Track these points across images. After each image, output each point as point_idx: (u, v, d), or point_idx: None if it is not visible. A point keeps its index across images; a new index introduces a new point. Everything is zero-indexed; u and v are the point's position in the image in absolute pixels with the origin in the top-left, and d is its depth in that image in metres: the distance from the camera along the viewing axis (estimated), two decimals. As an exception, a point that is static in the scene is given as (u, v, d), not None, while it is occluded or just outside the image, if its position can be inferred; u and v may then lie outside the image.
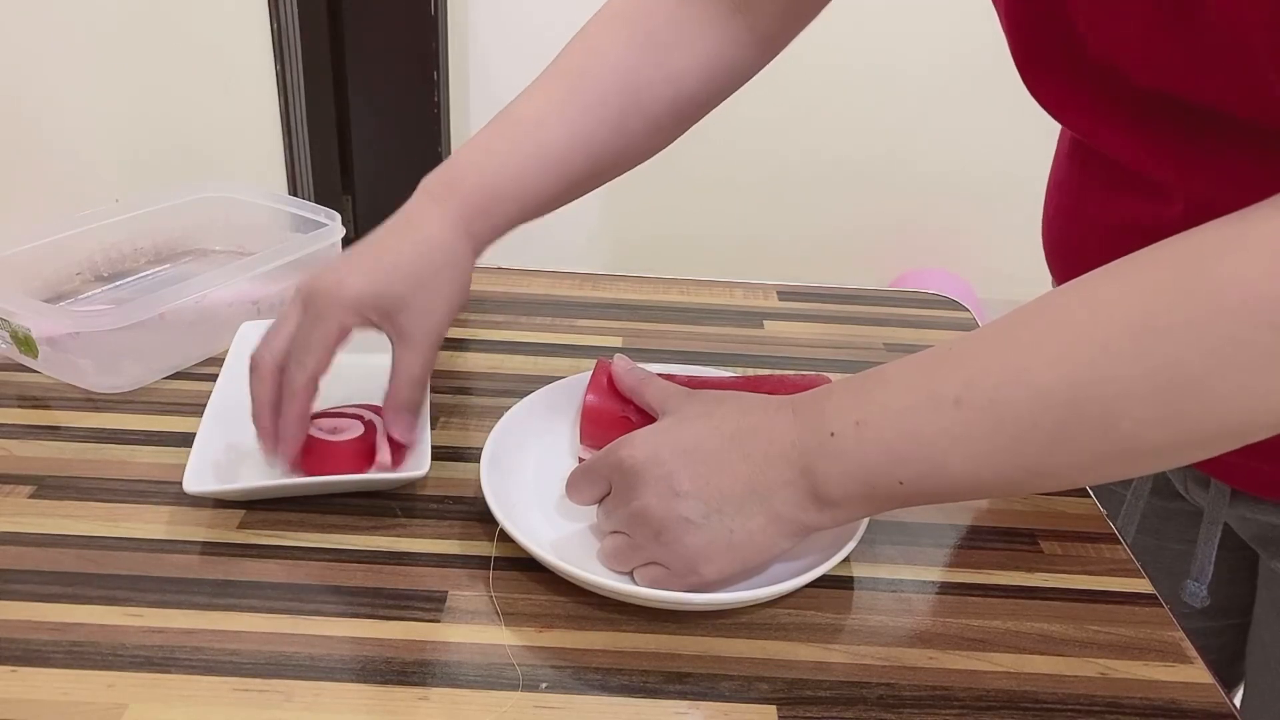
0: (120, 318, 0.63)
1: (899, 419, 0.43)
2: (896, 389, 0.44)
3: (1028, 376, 0.40)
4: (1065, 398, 0.39)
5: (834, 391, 0.46)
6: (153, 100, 1.93)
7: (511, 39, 1.98)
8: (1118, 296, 0.39)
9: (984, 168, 2.03)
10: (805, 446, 0.45)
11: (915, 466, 0.43)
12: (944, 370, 0.43)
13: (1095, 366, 0.38)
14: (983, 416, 0.41)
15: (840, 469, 0.44)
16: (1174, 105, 0.45)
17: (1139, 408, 0.38)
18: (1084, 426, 0.39)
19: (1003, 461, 0.41)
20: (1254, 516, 0.60)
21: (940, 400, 0.42)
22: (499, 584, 0.51)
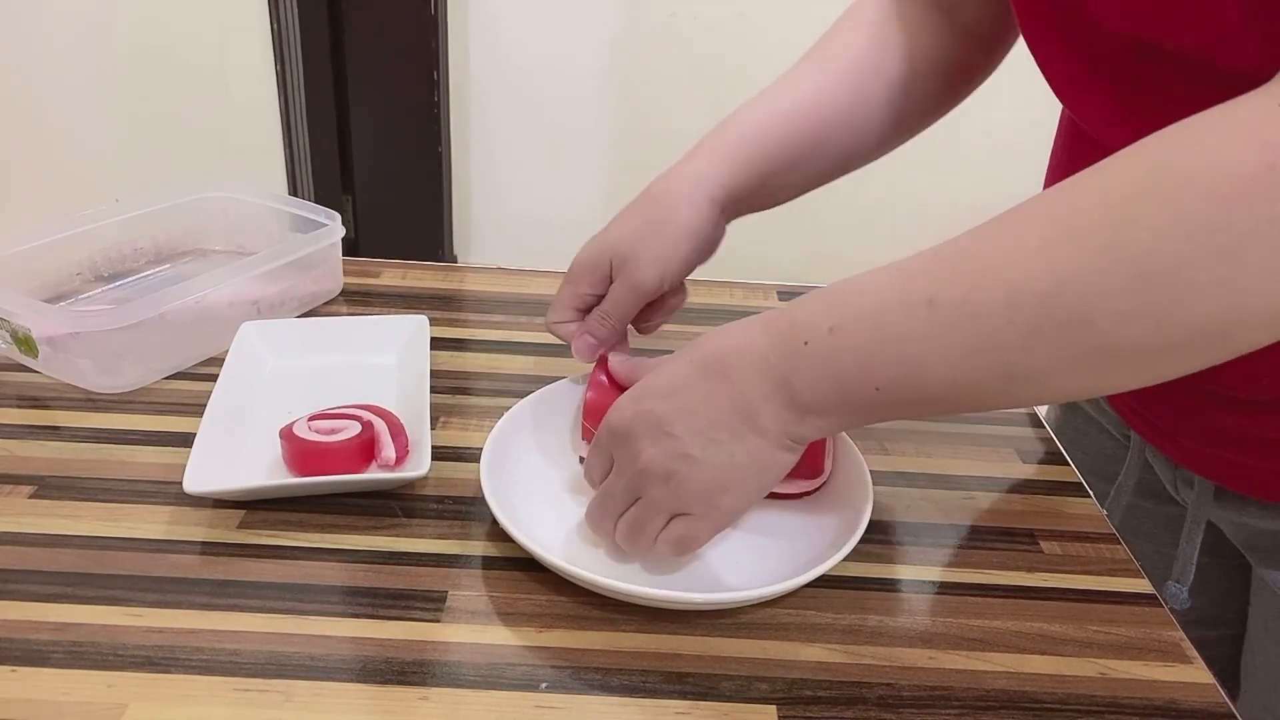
0: (120, 318, 0.63)
1: (872, 322, 0.42)
2: (869, 293, 0.43)
3: (1002, 273, 0.39)
4: (1039, 292, 0.38)
5: (805, 300, 0.45)
6: (153, 100, 1.93)
7: (511, 39, 1.98)
8: (1094, 189, 0.38)
9: (990, 167, 2.03)
10: (778, 357, 0.45)
11: (890, 370, 0.42)
12: (917, 272, 0.42)
13: (1068, 259, 0.37)
14: (956, 316, 0.40)
15: (816, 376, 0.44)
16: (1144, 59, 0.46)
17: (1114, 301, 0.37)
18: (1059, 323, 0.38)
19: (978, 363, 0.40)
20: (1243, 520, 0.60)
21: (913, 301, 0.41)
22: (499, 584, 0.51)
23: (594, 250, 0.60)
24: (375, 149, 1.94)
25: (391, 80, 1.87)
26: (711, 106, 0.70)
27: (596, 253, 0.60)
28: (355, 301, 0.79)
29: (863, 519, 0.52)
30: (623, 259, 0.59)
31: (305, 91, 1.86)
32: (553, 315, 0.62)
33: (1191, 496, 0.62)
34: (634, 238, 0.59)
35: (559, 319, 0.62)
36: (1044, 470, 0.64)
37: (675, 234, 0.58)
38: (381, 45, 1.84)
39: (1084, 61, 0.50)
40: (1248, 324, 0.36)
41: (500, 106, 2.04)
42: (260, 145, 1.93)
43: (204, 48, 1.88)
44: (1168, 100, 0.46)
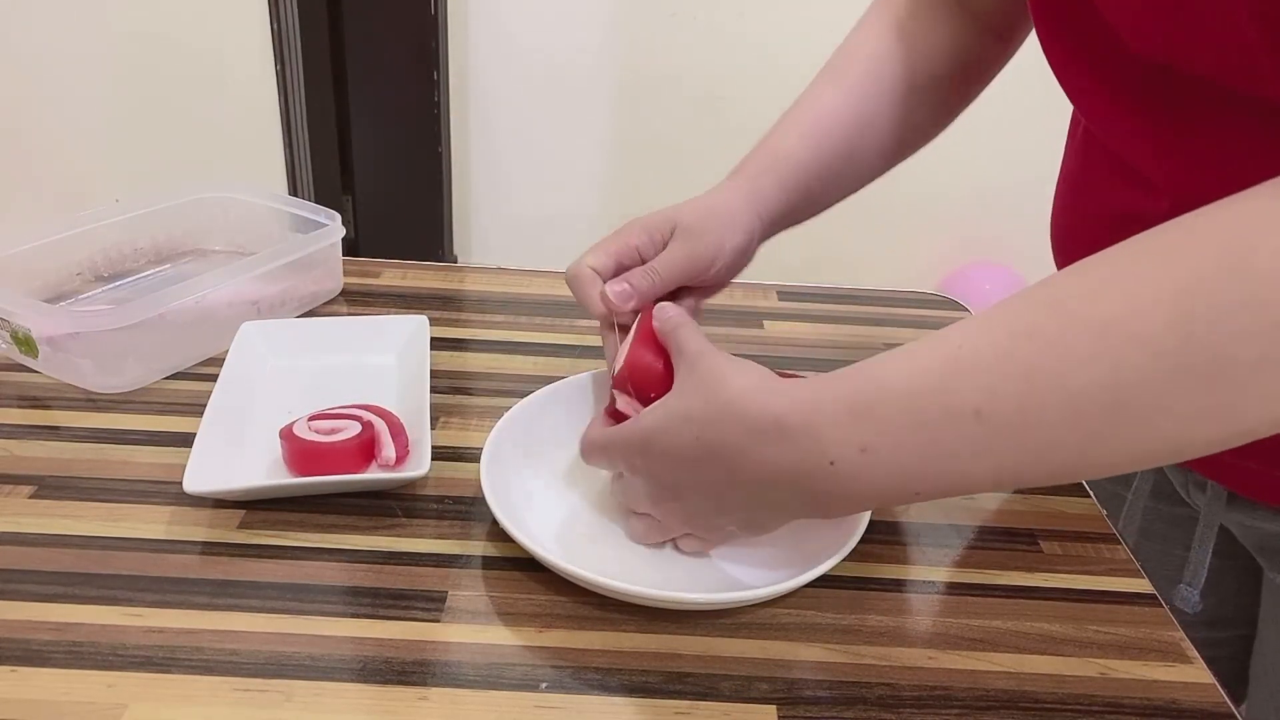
0: (120, 318, 0.63)
1: (910, 439, 0.39)
2: (901, 404, 0.39)
3: (1057, 381, 0.36)
4: (1104, 401, 0.36)
5: (825, 408, 0.41)
6: (153, 100, 1.93)
7: (511, 39, 1.98)
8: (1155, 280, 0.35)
9: (991, 169, 2.03)
10: (800, 473, 0.42)
11: (933, 481, 0.40)
12: (956, 378, 0.38)
13: (1137, 365, 0.35)
14: (1009, 427, 0.37)
15: (844, 492, 0.42)
16: (1167, 81, 0.45)
17: (1185, 404, 0.35)
18: (1125, 428, 0.36)
19: (1032, 466, 0.39)
20: (1254, 524, 0.60)
21: (957, 413, 0.38)
22: (499, 584, 0.51)
23: (652, 216, 0.58)
24: (375, 149, 1.94)
25: (391, 80, 1.87)
26: (711, 106, 0.70)
27: (656, 216, 0.58)
28: (355, 301, 0.79)
29: (863, 519, 0.52)
30: (687, 229, 0.57)
31: (305, 91, 1.86)
32: (590, 256, 0.57)
33: (1204, 501, 0.62)
34: (700, 216, 0.58)
35: (596, 261, 0.57)
36: (1044, 470, 0.64)
37: (732, 225, 0.58)
38: (381, 45, 1.84)
39: (1106, 81, 0.50)
40: None
41: (500, 107, 2.04)
42: (260, 145, 1.93)
43: (204, 48, 1.88)
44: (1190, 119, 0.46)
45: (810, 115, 0.62)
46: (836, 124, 0.62)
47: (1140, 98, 0.48)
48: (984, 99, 0.67)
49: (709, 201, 0.59)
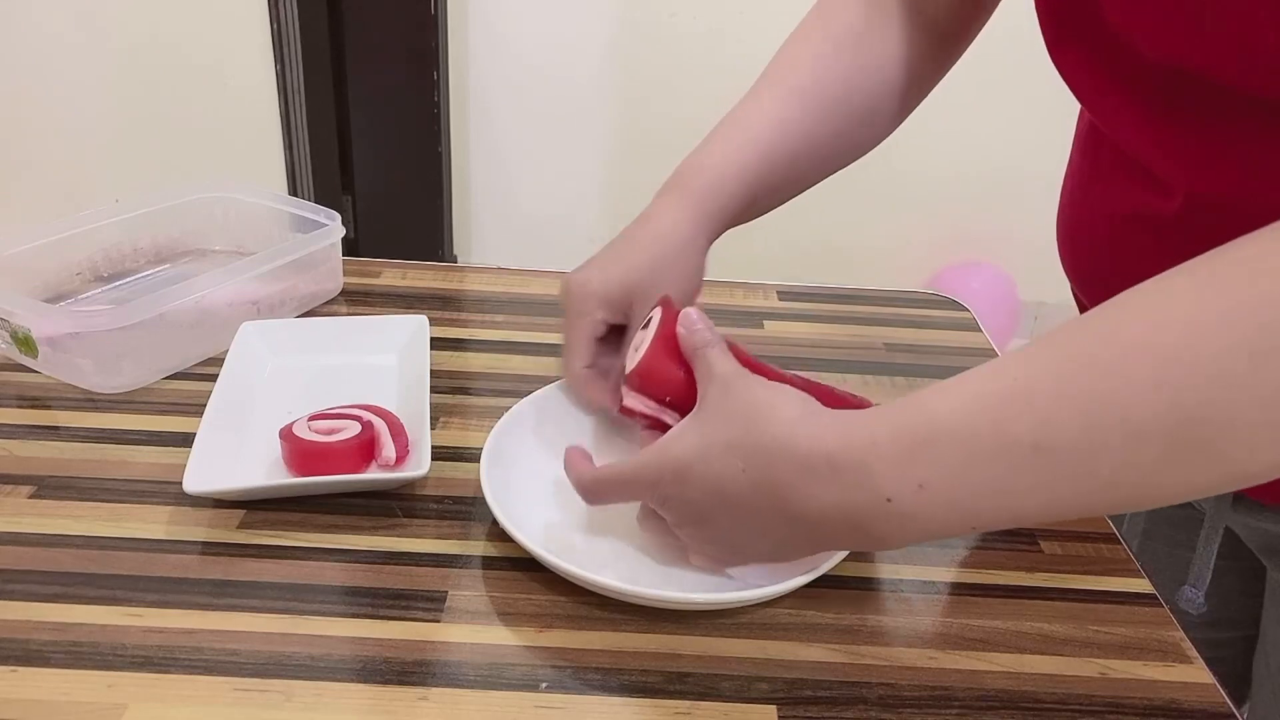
0: (120, 318, 0.63)
1: (967, 475, 0.38)
2: (956, 439, 0.38)
3: (1116, 412, 0.35)
4: (1167, 431, 0.35)
5: (879, 446, 0.40)
6: (153, 100, 1.93)
7: (511, 39, 1.98)
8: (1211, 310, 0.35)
9: (992, 167, 2.03)
10: (854, 509, 0.41)
11: (991, 515, 0.40)
12: (1012, 411, 0.37)
13: (1202, 393, 0.34)
14: (1069, 460, 0.37)
15: (901, 529, 0.41)
16: (1183, 85, 0.45)
17: (1253, 433, 0.34)
18: (1189, 458, 0.35)
19: (1091, 497, 0.38)
20: (1259, 525, 0.60)
21: (1015, 448, 0.37)
22: (499, 584, 0.51)
23: (607, 281, 0.58)
24: (375, 149, 1.94)
25: (391, 80, 1.87)
26: (712, 107, 0.70)
27: (614, 284, 0.58)
28: (355, 301, 0.79)
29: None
30: (646, 293, 0.57)
31: (305, 91, 1.86)
32: (576, 359, 0.58)
33: (1209, 502, 0.62)
34: (653, 270, 0.57)
35: (585, 360, 0.58)
36: (1044, 470, 0.64)
37: (687, 268, 0.59)
38: (381, 45, 1.84)
39: (1117, 84, 0.50)
40: None
41: (500, 107, 2.04)
42: (260, 145, 1.94)
43: (204, 48, 1.88)
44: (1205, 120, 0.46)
45: (756, 127, 0.61)
46: (783, 139, 0.61)
47: (1153, 101, 0.48)
48: (979, 99, 0.68)
49: (658, 244, 0.58)
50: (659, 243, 0.58)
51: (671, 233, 0.59)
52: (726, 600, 0.50)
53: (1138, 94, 0.49)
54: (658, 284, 0.57)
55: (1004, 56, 0.66)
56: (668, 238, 0.59)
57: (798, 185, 0.64)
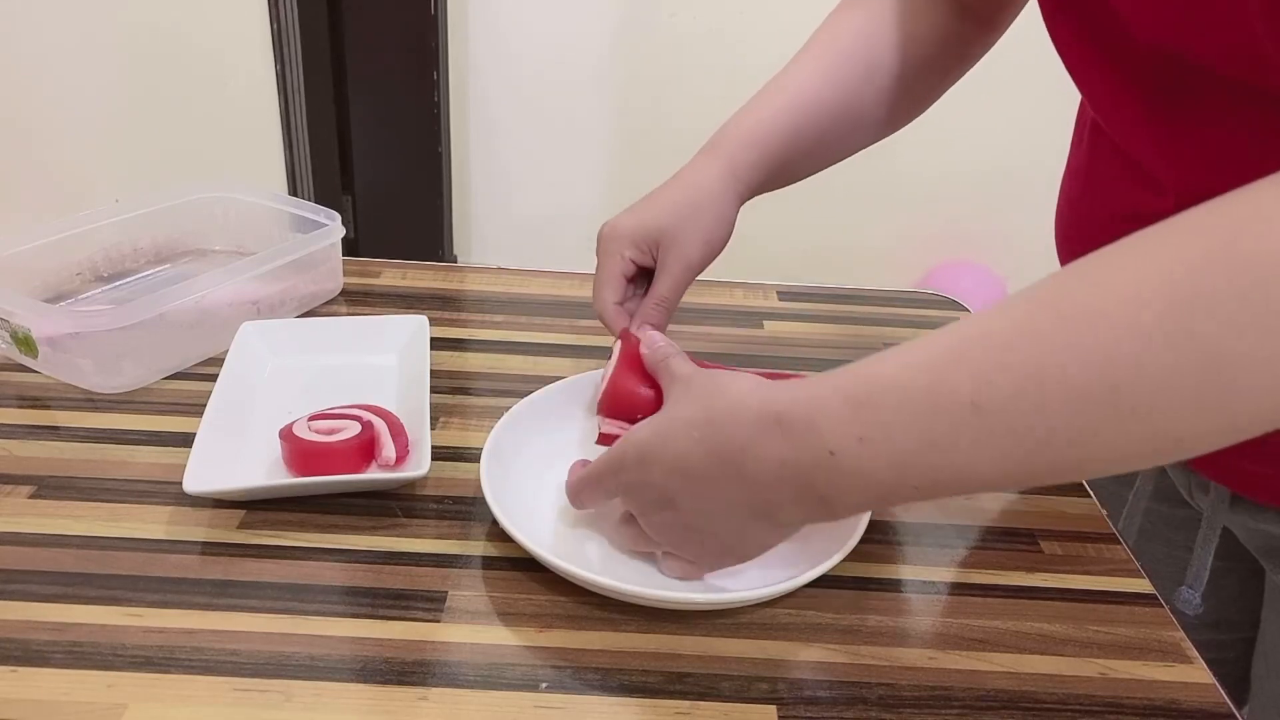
0: (120, 318, 0.63)
1: (908, 429, 0.39)
2: (897, 394, 0.40)
3: (1053, 372, 0.36)
4: (1095, 391, 0.36)
5: (824, 401, 0.42)
6: (153, 100, 1.93)
7: (511, 39, 1.98)
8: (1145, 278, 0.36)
9: (991, 168, 2.03)
10: (802, 466, 0.42)
11: (930, 474, 0.40)
12: (953, 370, 0.39)
13: (1131, 355, 0.35)
14: (1005, 419, 0.37)
15: (847, 486, 0.42)
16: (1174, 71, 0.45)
17: (1181, 396, 0.35)
18: (1121, 421, 0.36)
19: (1026, 461, 0.38)
20: (1258, 526, 0.60)
21: (954, 405, 0.38)
22: (499, 584, 0.51)
23: (637, 224, 0.60)
24: (375, 149, 1.94)
25: (391, 80, 1.87)
26: (712, 107, 0.70)
27: (642, 226, 0.60)
28: (355, 301, 0.79)
29: (863, 519, 0.52)
30: (672, 238, 0.59)
31: (305, 91, 1.86)
32: (608, 294, 0.61)
33: (1207, 502, 0.62)
34: (680, 216, 0.59)
35: (616, 296, 0.61)
36: (1044, 470, 0.64)
37: (715, 217, 0.60)
38: (381, 45, 1.84)
39: (1111, 66, 0.50)
40: None
41: (500, 107, 2.04)
42: (260, 145, 1.93)
43: (204, 48, 1.88)
44: (1197, 112, 0.46)
45: (792, 91, 0.62)
46: (817, 103, 0.62)
47: (1146, 87, 0.48)
48: (975, 98, 0.68)
49: (687, 193, 0.60)
50: (688, 192, 0.60)
51: (702, 185, 0.60)
52: (726, 600, 0.50)
53: (1131, 79, 0.49)
54: (685, 230, 0.59)
55: (1002, 58, 0.66)
56: (698, 188, 0.60)
57: (832, 152, 0.65)
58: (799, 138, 0.62)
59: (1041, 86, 0.57)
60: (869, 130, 0.65)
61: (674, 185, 0.61)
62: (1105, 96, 0.52)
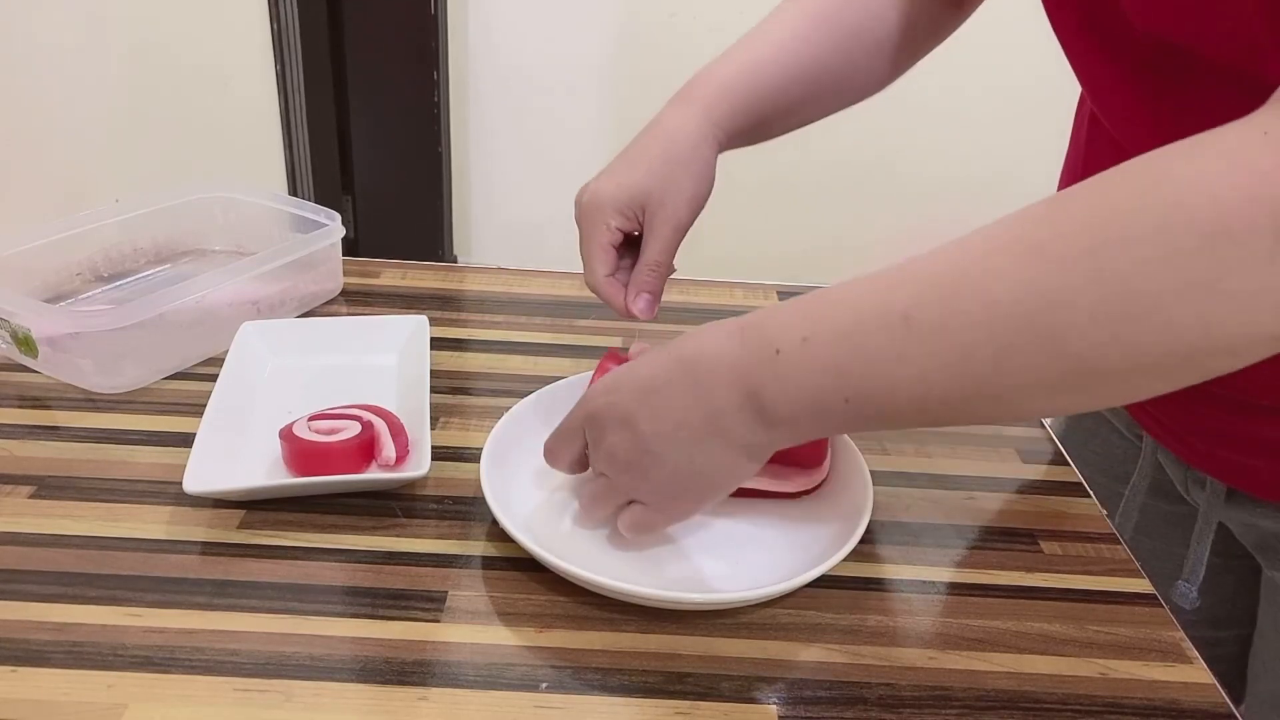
0: (120, 318, 0.63)
1: (846, 335, 0.42)
2: (845, 305, 0.42)
3: (979, 292, 0.39)
4: (1015, 313, 0.38)
5: (780, 308, 0.45)
6: (153, 100, 1.93)
7: (511, 39, 1.98)
8: (1081, 211, 0.38)
9: (990, 169, 2.03)
10: (749, 366, 0.44)
11: (860, 384, 0.42)
12: (893, 285, 0.41)
13: (1049, 282, 0.37)
14: (930, 333, 0.39)
15: (785, 387, 0.43)
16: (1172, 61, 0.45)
17: (1091, 326, 0.37)
18: (1034, 344, 0.38)
19: (949, 380, 0.40)
20: (1254, 522, 0.60)
21: (888, 315, 0.40)
22: (499, 584, 0.51)
23: (619, 189, 0.58)
24: (375, 149, 1.94)
25: (391, 80, 1.87)
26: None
27: (624, 191, 0.58)
28: (355, 301, 0.79)
29: (863, 519, 0.52)
30: (659, 200, 0.58)
31: (305, 91, 1.86)
32: (598, 267, 0.59)
33: (1203, 497, 0.62)
34: (664, 177, 0.58)
35: (607, 269, 0.59)
36: (1044, 470, 0.64)
37: (698, 171, 0.59)
38: (381, 45, 1.84)
39: (1113, 59, 0.50)
40: (1220, 350, 0.36)
41: (500, 107, 2.04)
42: (260, 145, 1.93)
43: (204, 48, 1.88)
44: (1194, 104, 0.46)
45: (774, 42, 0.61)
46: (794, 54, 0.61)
47: (1145, 77, 0.48)
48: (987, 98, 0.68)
49: (666, 148, 0.59)
50: (666, 146, 0.59)
51: (679, 137, 0.59)
52: (726, 600, 0.50)
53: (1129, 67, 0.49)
54: (668, 188, 0.58)
55: (1002, 59, 0.66)
56: (676, 142, 0.59)
57: (807, 108, 0.64)
58: (775, 92, 0.61)
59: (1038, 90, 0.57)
60: (846, 90, 0.64)
61: (650, 140, 0.60)
62: (1105, 88, 0.52)
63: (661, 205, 0.58)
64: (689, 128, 0.59)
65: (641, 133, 0.61)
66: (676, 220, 0.58)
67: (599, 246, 0.59)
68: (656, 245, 0.58)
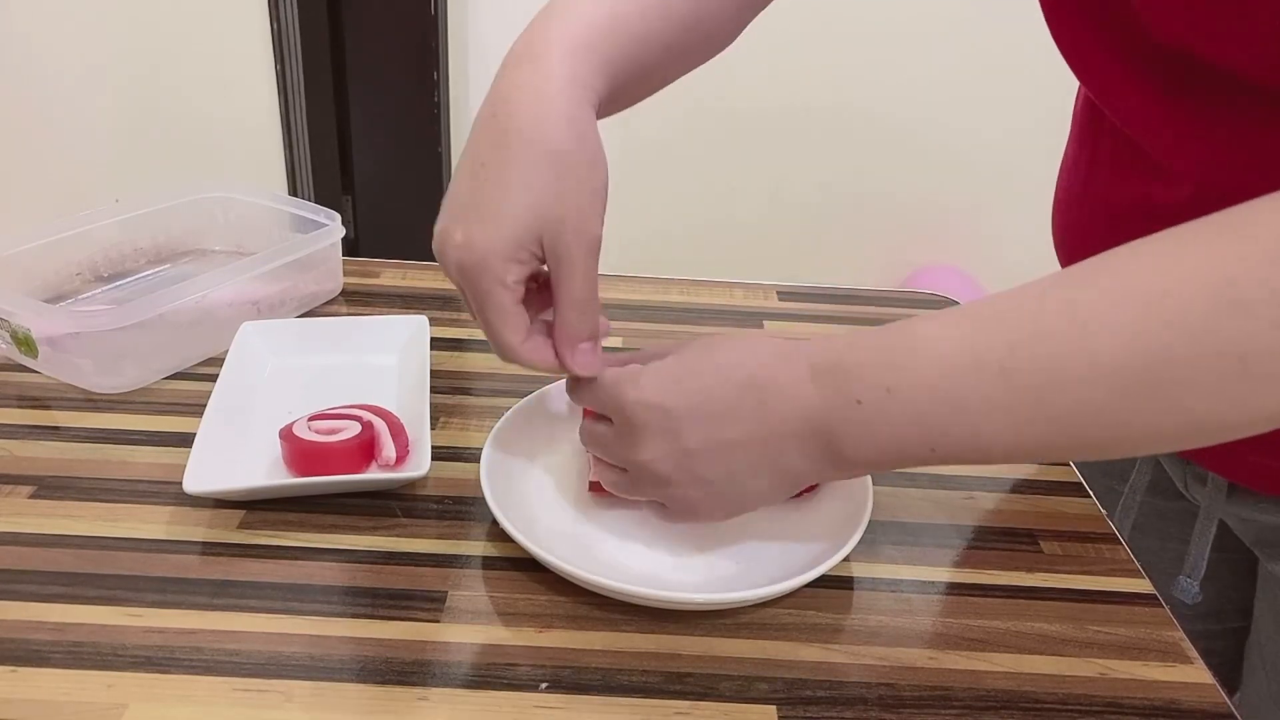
0: (120, 318, 0.63)
1: (936, 387, 0.40)
2: (932, 352, 0.40)
3: (1087, 347, 0.37)
4: (1130, 374, 0.36)
5: (857, 350, 0.42)
6: (153, 100, 1.93)
7: (511, 39, 1.97)
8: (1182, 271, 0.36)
9: (991, 165, 2.03)
10: (826, 410, 0.42)
11: (951, 434, 0.40)
12: (988, 334, 0.39)
13: (1168, 342, 0.36)
14: (1032, 387, 0.38)
15: (866, 436, 0.42)
16: (1191, 70, 0.45)
17: (1213, 386, 0.35)
18: (1147, 404, 0.37)
19: (1048, 431, 0.39)
20: (1253, 517, 0.60)
21: (982, 368, 0.39)
22: (499, 584, 0.51)
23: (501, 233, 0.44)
24: (375, 149, 1.94)
25: (391, 80, 1.87)
26: (710, 107, 0.70)
27: (509, 233, 0.44)
28: (355, 301, 0.79)
29: (863, 519, 0.52)
30: (558, 222, 0.44)
31: (305, 91, 1.86)
32: (510, 336, 0.47)
33: (1203, 494, 0.62)
34: (550, 188, 0.44)
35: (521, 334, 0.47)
36: (1044, 470, 0.64)
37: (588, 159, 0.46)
38: (381, 45, 1.84)
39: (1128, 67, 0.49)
40: None
41: (500, 106, 2.03)
42: (260, 145, 1.93)
43: (204, 48, 1.88)
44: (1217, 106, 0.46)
45: None
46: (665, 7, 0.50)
47: (1162, 83, 0.48)
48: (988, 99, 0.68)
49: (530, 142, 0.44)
50: (531, 139, 0.44)
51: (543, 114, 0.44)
52: (726, 600, 0.50)
53: (1144, 76, 0.48)
54: (562, 202, 0.44)
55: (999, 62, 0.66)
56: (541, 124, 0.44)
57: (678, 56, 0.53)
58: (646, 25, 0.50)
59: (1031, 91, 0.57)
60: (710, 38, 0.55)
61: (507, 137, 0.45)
62: (1116, 91, 0.52)
63: (563, 227, 0.45)
64: (550, 93, 0.45)
65: (484, 126, 0.46)
66: (588, 239, 0.45)
67: (503, 311, 0.46)
68: (574, 279, 0.46)
